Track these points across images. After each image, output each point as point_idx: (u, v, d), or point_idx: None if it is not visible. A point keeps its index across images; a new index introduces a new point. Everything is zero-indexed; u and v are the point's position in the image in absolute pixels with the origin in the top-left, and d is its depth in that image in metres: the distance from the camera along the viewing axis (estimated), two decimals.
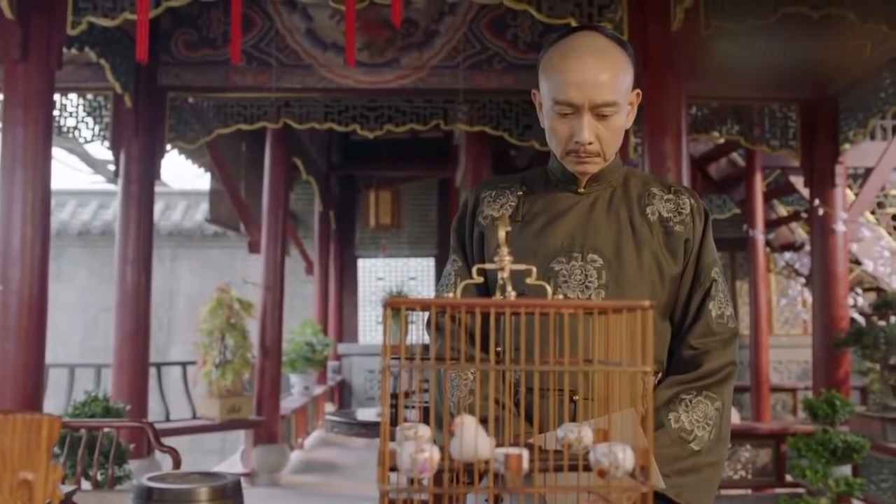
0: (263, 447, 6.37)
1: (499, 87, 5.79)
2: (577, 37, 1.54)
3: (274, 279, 6.58)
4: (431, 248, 11.99)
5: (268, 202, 6.75)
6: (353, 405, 10.99)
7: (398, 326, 4.50)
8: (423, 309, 0.90)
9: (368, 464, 7.19)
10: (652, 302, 0.86)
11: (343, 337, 11.31)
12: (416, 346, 1.10)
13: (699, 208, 1.62)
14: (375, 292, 11.83)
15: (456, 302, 0.83)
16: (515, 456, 0.78)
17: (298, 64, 5.67)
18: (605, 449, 0.82)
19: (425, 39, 5.76)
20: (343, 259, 11.50)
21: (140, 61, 3.17)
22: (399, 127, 5.95)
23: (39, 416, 0.84)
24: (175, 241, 11.04)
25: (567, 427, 0.98)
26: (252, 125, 5.86)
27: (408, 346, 1.00)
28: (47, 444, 0.83)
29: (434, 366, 1.33)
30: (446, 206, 11.43)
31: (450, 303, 0.83)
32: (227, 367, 5.95)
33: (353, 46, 3.20)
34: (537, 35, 5.81)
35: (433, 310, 1.69)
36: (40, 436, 0.82)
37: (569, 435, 0.97)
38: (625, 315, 0.93)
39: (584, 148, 1.50)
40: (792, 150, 5.82)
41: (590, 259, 1.55)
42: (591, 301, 1.41)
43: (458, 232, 1.70)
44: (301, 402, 8.02)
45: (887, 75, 4.98)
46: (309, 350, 8.38)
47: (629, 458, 0.82)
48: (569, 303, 0.84)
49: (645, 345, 0.80)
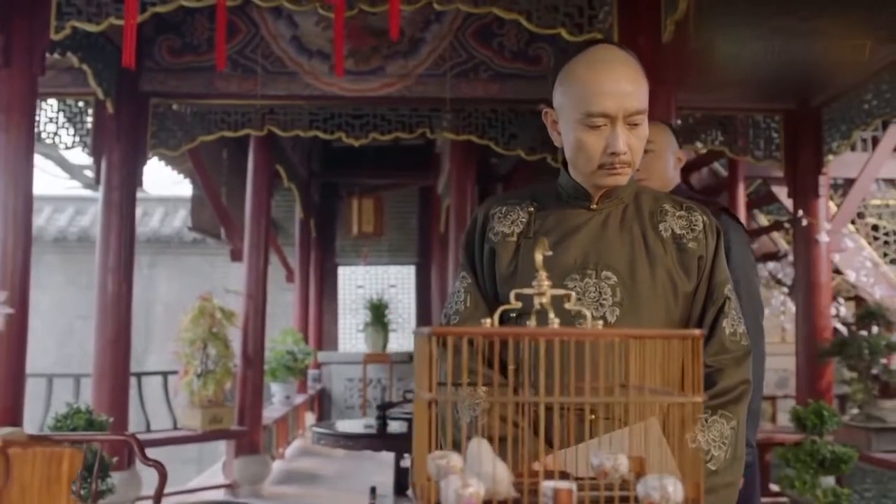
0: (245, 458, 6.29)
1: (485, 96, 5.78)
2: (598, 49, 1.53)
3: (256, 287, 6.52)
4: (412, 256, 11.96)
5: (251, 210, 6.68)
6: (334, 414, 10.92)
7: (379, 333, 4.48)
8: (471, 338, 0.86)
9: (350, 474, 7.13)
10: (703, 331, 0.83)
11: (323, 345, 11.24)
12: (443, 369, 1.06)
13: (711, 225, 1.60)
14: (356, 300, 11.77)
15: (507, 331, 0.80)
16: (565, 490, 0.75)
17: (283, 71, 5.62)
18: (656, 482, 0.80)
19: (411, 48, 5.74)
20: (323, 266, 11.43)
21: (127, 66, 3.11)
22: (384, 135, 5.92)
23: (60, 450, 0.80)
24: (153, 248, 10.92)
25: (602, 455, 0.96)
26: (236, 132, 5.80)
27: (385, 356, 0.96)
28: (68, 477, 0.79)
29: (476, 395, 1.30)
30: (427, 214, 11.41)
31: (500, 332, 0.80)
32: (209, 377, 5.87)
33: (341, 55, 3.17)
34: (523, 44, 5.81)
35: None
36: (61, 469, 0.78)
37: (605, 463, 0.95)
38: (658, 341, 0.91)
39: (620, 159, 1.48)
40: (776, 161, 5.85)
41: (604, 276, 1.53)
42: (640, 330, 1.38)
43: (467, 248, 1.67)
44: (282, 411, 7.95)
45: (871, 87, 5.02)
46: (290, 359, 8.31)
47: (679, 492, 0.79)
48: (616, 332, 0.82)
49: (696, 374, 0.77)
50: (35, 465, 0.78)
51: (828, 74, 5.34)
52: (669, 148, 2.42)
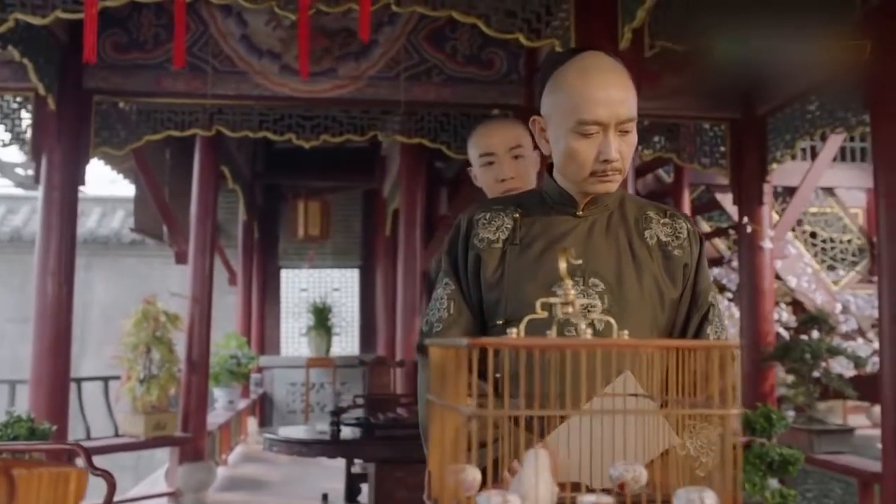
0: (189, 465, 6.14)
1: (437, 100, 5.77)
2: (587, 56, 1.52)
3: (202, 290, 6.37)
4: (356, 260, 11.89)
5: (196, 211, 6.54)
6: (275, 419, 10.77)
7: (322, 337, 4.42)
8: (512, 349, 0.84)
9: (297, 480, 7.03)
10: (740, 342, 0.82)
11: (265, 349, 11.09)
12: None
13: (695, 233, 1.61)
14: (299, 303, 11.65)
15: (546, 343, 0.78)
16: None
17: (233, 70, 5.52)
18: (694, 495, 0.78)
19: (363, 50, 5.69)
20: (266, 269, 11.28)
21: (87, 61, 3.01)
22: (335, 137, 5.85)
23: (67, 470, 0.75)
24: (89, 250, 10.61)
25: (622, 466, 0.94)
26: (183, 132, 5.66)
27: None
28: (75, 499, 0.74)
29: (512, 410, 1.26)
30: (371, 217, 11.36)
31: (539, 344, 0.78)
32: (153, 382, 5.72)
33: (306, 56, 3.11)
34: (476, 48, 5.81)
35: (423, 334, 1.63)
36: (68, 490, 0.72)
37: (625, 474, 0.93)
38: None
39: (612, 166, 1.47)
40: (721, 168, 5.97)
41: (591, 283, 1.52)
42: (672, 340, 1.37)
43: (450, 255, 1.65)
44: (226, 416, 7.80)
45: (814, 98, 5.15)
46: (234, 363, 8.16)
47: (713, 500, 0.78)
48: (652, 343, 0.80)
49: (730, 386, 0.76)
50: (41, 486, 0.73)
51: (773, 85, 5.48)
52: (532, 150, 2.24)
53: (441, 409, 0.86)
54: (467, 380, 0.81)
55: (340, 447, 4.06)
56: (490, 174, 2.16)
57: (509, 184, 2.12)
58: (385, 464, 3.98)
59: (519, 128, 2.20)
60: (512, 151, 2.15)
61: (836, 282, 7.00)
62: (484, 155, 2.16)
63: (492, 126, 2.22)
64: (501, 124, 2.23)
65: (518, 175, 2.14)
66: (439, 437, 0.89)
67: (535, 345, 0.78)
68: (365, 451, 4.08)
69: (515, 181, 2.13)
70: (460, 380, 0.82)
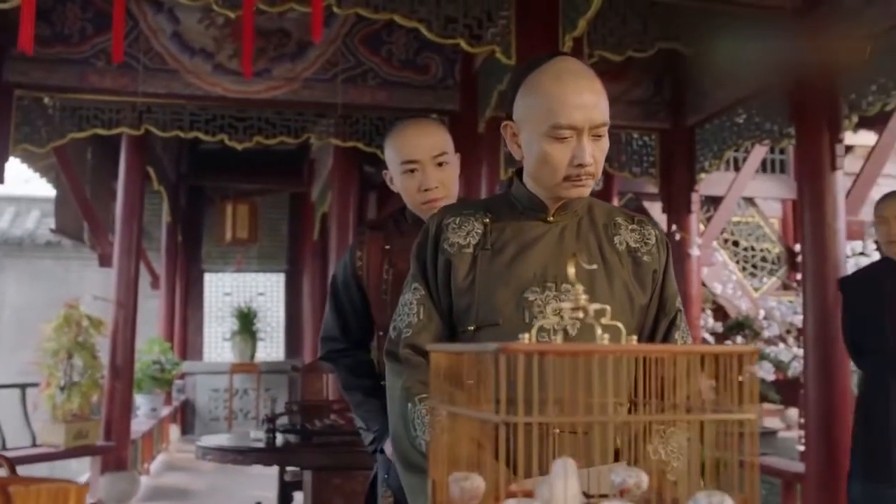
0: (112, 475, 5.93)
1: (373, 103, 5.74)
2: (560, 60, 1.52)
3: (127, 294, 6.17)
4: (282, 264, 11.72)
5: (122, 213, 6.33)
6: (198, 426, 10.52)
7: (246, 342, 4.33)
8: (541, 355, 0.82)
9: (223, 489, 6.87)
10: (757, 348, 0.83)
11: (188, 354, 10.82)
12: None
13: (662, 239, 1.63)
14: (222, 308, 11.41)
15: (575, 349, 0.77)
16: None
17: (163, 68, 5.37)
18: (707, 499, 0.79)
19: (298, 50, 5.61)
20: (189, 273, 11.03)
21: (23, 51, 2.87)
22: (269, 139, 5.75)
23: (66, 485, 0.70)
24: (1, 251, 10.19)
25: (623, 471, 0.94)
26: (110, 130, 5.48)
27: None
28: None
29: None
30: (298, 221, 11.22)
31: (569, 349, 0.77)
32: (74, 390, 5.51)
33: (250, 55, 3.04)
34: (412, 53, 5.80)
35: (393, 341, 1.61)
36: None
37: (627, 480, 0.93)
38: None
39: (585, 170, 1.47)
40: (651, 178, 6.10)
41: (563, 289, 1.51)
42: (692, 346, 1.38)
43: (419, 259, 1.62)
44: (148, 424, 7.57)
45: (742, 111, 5.31)
46: (157, 369, 7.93)
47: None
48: (678, 349, 0.80)
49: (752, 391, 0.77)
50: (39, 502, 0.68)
51: (702, 96, 5.63)
52: (454, 153, 2.09)
53: (451, 416, 0.84)
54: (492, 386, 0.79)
55: (277, 455, 3.97)
56: (412, 183, 2.00)
57: (434, 193, 1.99)
58: (322, 471, 3.91)
59: (442, 132, 2.06)
60: (437, 159, 2.00)
61: (758, 289, 7.24)
62: (406, 162, 2.00)
63: (415, 130, 2.03)
64: (425, 129, 2.05)
65: (443, 184, 2.01)
66: (446, 446, 0.88)
67: (565, 350, 0.77)
68: (302, 458, 3.99)
69: (440, 190, 2.00)
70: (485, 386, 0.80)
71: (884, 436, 2.96)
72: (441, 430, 0.88)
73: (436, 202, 1.98)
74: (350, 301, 2.10)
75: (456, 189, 2.07)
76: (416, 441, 1.47)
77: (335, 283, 2.14)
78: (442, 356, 0.90)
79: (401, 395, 1.54)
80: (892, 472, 2.92)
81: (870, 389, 3.10)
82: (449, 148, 2.03)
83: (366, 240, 2.10)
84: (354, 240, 2.14)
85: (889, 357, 3.02)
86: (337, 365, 2.14)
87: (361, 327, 2.11)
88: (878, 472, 2.97)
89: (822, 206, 4.39)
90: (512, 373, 1.15)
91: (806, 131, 4.50)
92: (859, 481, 3.07)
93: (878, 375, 3.05)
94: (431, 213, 1.95)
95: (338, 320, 2.13)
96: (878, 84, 4.24)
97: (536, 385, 0.84)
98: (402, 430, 1.52)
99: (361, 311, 2.09)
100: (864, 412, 3.10)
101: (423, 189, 1.99)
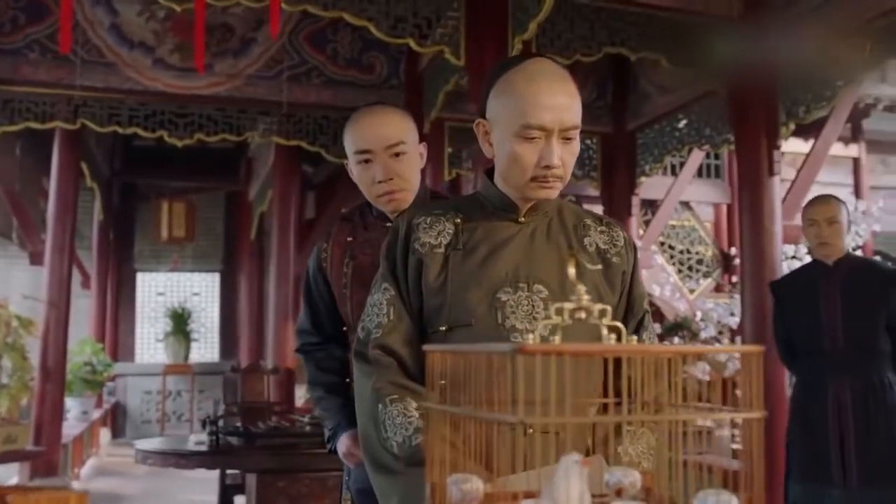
0: (42, 481, 5.73)
1: (317, 102, 5.69)
2: (535, 62, 1.52)
3: (59, 294, 5.97)
4: (217, 264, 11.52)
5: (54, 210, 6.11)
6: (129, 429, 10.26)
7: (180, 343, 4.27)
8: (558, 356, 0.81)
9: (158, 493, 6.70)
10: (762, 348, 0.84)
11: (119, 356, 10.54)
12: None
13: (630, 241, 1.65)
14: (155, 308, 11.16)
15: (597, 349, 0.77)
16: None
17: (100, 61, 5.24)
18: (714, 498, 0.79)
19: (242, 47, 5.53)
20: (121, 272, 10.75)
21: None
22: (210, 136, 5.64)
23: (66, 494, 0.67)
24: None
25: (618, 472, 0.94)
26: (44, 124, 5.30)
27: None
28: None
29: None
30: (234, 220, 11.05)
31: (590, 350, 0.76)
32: (3, 392, 5.31)
33: (202, 49, 2.97)
34: (357, 52, 5.77)
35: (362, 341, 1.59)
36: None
37: (621, 480, 0.93)
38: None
39: (553, 172, 1.47)
40: (593, 180, 6.18)
41: (535, 290, 1.52)
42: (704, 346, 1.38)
43: (388, 259, 1.60)
44: (79, 428, 7.34)
45: (683, 116, 5.42)
46: (88, 371, 7.70)
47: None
48: (680, 349, 0.81)
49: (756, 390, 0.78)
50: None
51: (644, 101, 5.73)
52: (417, 143, 1.98)
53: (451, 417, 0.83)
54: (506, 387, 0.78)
55: (221, 458, 3.90)
56: (367, 174, 1.90)
57: (388, 185, 1.88)
58: (267, 474, 3.86)
59: (401, 121, 1.93)
60: (391, 150, 1.88)
61: (693, 290, 7.40)
62: (360, 152, 1.90)
63: (370, 118, 1.91)
64: (381, 117, 1.91)
65: (399, 176, 1.89)
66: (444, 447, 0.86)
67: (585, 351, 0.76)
68: (247, 461, 3.92)
69: (396, 182, 1.89)
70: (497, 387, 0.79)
71: (822, 437, 3.02)
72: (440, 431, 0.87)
73: (392, 195, 1.89)
74: (319, 295, 2.03)
75: (416, 182, 1.95)
76: (388, 443, 1.46)
77: (307, 275, 2.07)
78: (438, 356, 0.89)
79: (371, 397, 1.52)
80: (830, 472, 2.99)
81: (806, 391, 3.16)
82: (408, 138, 1.91)
83: (333, 232, 2.03)
84: (325, 231, 2.08)
85: (825, 359, 3.09)
86: (307, 358, 2.08)
87: (332, 321, 2.03)
88: (817, 472, 3.03)
89: (760, 211, 4.51)
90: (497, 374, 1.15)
91: (745, 137, 4.62)
92: (798, 482, 3.13)
93: (814, 378, 3.11)
94: (389, 206, 1.92)
95: (309, 314, 2.07)
96: (814, 93, 4.38)
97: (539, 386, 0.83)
98: (372, 432, 1.50)
99: (330, 305, 2.01)
100: (801, 414, 3.15)
101: (376, 181, 1.89)
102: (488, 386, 0.94)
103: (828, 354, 3.08)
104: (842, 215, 3.12)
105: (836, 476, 2.96)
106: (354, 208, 2.08)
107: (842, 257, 3.14)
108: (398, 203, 1.90)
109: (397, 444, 1.43)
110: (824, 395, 3.04)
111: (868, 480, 2.92)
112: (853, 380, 3.01)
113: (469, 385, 0.94)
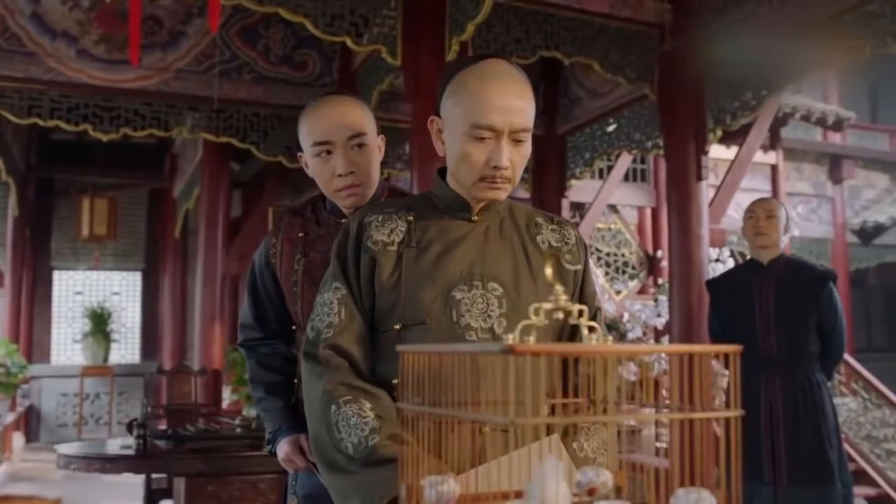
0: None
1: (248, 98, 5.60)
2: (490, 62, 1.52)
3: None
4: (139, 262, 11.20)
5: None
6: (43, 434, 9.89)
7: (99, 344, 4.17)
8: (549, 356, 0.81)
9: (78, 500, 6.48)
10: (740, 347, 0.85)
11: (33, 357, 10.14)
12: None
13: (581, 239, 1.66)
14: (73, 307, 10.78)
15: (582, 349, 0.76)
16: None
17: (20, 50, 5.04)
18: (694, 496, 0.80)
19: (171, 40, 5.40)
20: (36, 270, 10.35)
21: None
22: (137, 131, 5.49)
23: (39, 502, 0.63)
24: None
25: (589, 472, 0.95)
26: None
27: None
28: None
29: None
30: (157, 218, 10.77)
31: (577, 350, 0.76)
32: None
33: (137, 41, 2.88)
34: (289, 49, 5.70)
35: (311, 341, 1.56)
36: None
37: (593, 480, 0.94)
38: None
39: (501, 173, 1.47)
40: (524, 182, 6.24)
41: (490, 287, 1.52)
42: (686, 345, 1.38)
43: (339, 257, 1.58)
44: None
45: (612, 121, 5.52)
46: (3, 373, 7.39)
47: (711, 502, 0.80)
48: (665, 348, 0.81)
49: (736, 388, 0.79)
50: None
51: (575, 105, 5.81)
52: (376, 136, 1.90)
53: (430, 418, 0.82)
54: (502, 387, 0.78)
55: (149, 462, 3.79)
56: (326, 167, 1.81)
57: (349, 179, 1.81)
58: (197, 477, 3.77)
59: (361, 110, 1.85)
60: (353, 140, 1.81)
61: (619, 292, 7.53)
62: (318, 143, 1.80)
63: (330, 108, 1.82)
64: (342, 107, 1.83)
65: (359, 168, 1.82)
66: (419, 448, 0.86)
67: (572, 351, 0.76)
68: (175, 464, 3.82)
69: (357, 176, 1.81)
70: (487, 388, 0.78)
71: (755, 434, 3.11)
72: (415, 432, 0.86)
73: (353, 189, 1.82)
74: (265, 290, 1.95)
75: (376, 176, 1.88)
76: (341, 444, 1.44)
77: (252, 269, 1.98)
78: (413, 357, 0.88)
79: (322, 398, 1.49)
80: (762, 469, 3.08)
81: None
82: (368, 129, 1.83)
83: (283, 226, 1.94)
84: (273, 225, 2.00)
85: (758, 358, 3.18)
86: (249, 354, 1.99)
87: (279, 318, 1.95)
88: (749, 469, 3.12)
89: (689, 214, 4.62)
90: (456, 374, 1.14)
91: (675, 143, 4.73)
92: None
93: (747, 375, 3.20)
94: (348, 201, 1.85)
95: (253, 309, 1.98)
96: (741, 101, 4.51)
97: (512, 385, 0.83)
98: (324, 434, 1.47)
99: (278, 302, 1.93)
100: None
101: (336, 174, 1.81)
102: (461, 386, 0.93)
103: (761, 353, 3.18)
104: (780, 212, 3.24)
105: (766, 474, 3.05)
106: (306, 202, 2.00)
107: (776, 257, 3.25)
108: (358, 199, 1.83)
109: (352, 446, 1.41)
110: (756, 394, 3.13)
111: (797, 478, 3.02)
112: (784, 379, 3.11)
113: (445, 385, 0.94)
